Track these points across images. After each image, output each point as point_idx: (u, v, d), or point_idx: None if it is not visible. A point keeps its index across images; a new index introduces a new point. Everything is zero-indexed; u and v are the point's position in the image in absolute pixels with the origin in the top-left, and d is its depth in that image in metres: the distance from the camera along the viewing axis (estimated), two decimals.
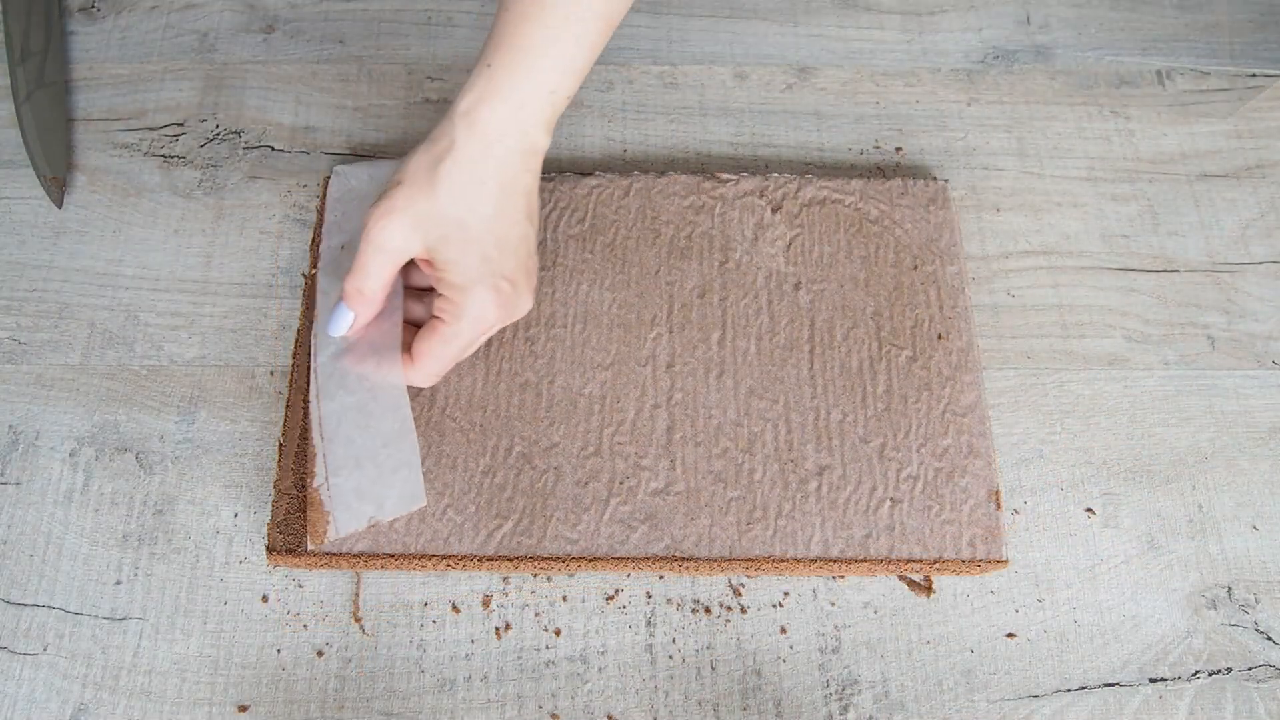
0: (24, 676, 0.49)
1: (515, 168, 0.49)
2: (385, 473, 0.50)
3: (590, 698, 0.49)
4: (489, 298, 0.49)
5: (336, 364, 0.52)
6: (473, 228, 0.48)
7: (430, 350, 0.50)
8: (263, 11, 0.69)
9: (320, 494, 0.49)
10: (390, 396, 0.51)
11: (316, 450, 0.50)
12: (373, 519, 0.49)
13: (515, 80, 0.47)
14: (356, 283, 0.50)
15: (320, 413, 0.51)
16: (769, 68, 0.67)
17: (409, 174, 0.48)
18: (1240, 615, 0.51)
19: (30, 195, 0.62)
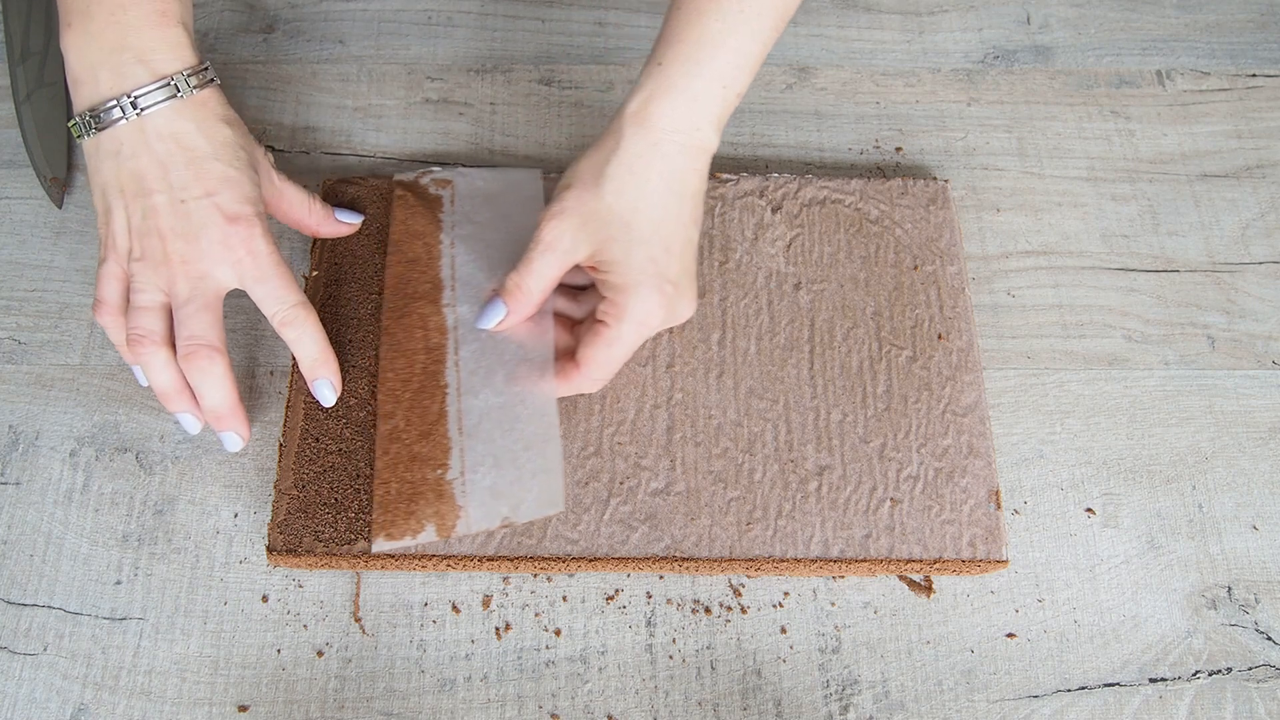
0: (24, 676, 0.49)
1: (683, 167, 0.48)
2: (525, 475, 0.50)
3: (590, 698, 0.49)
4: (654, 299, 0.48)
5: (482, 361, 0.52)
6: (638, 228, 0.48)
7: (595, 355, 0.49)
8: (263, 11, 0.69)
9: (453, 487, 0.49)
10: (538, 402, 0.51)
11: (451, 443, 0.50)
12: (506, 519, 0.49)
13: (688, 76, 0.47)
14: (519, 279, 0.49)
15: (460, 406, 0.50)
16: (769, 68, 0.67)
17: (577, 176, 0.48)
18: (1240, 615, 0.51)
19: (30, 195, 0.62)
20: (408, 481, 0.50)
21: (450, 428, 0.51)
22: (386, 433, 0.51)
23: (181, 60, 0.48)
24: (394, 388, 0.52)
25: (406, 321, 0.54)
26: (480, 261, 0.56)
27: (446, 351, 0.53)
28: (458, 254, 0.56)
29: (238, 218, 0.49)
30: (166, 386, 0.50)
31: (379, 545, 0.49)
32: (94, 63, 0.47)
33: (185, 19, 0.49)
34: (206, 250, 0.48)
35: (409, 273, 0.56)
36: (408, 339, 0.53)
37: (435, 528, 0.49)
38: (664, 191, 0.48)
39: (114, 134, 0.48)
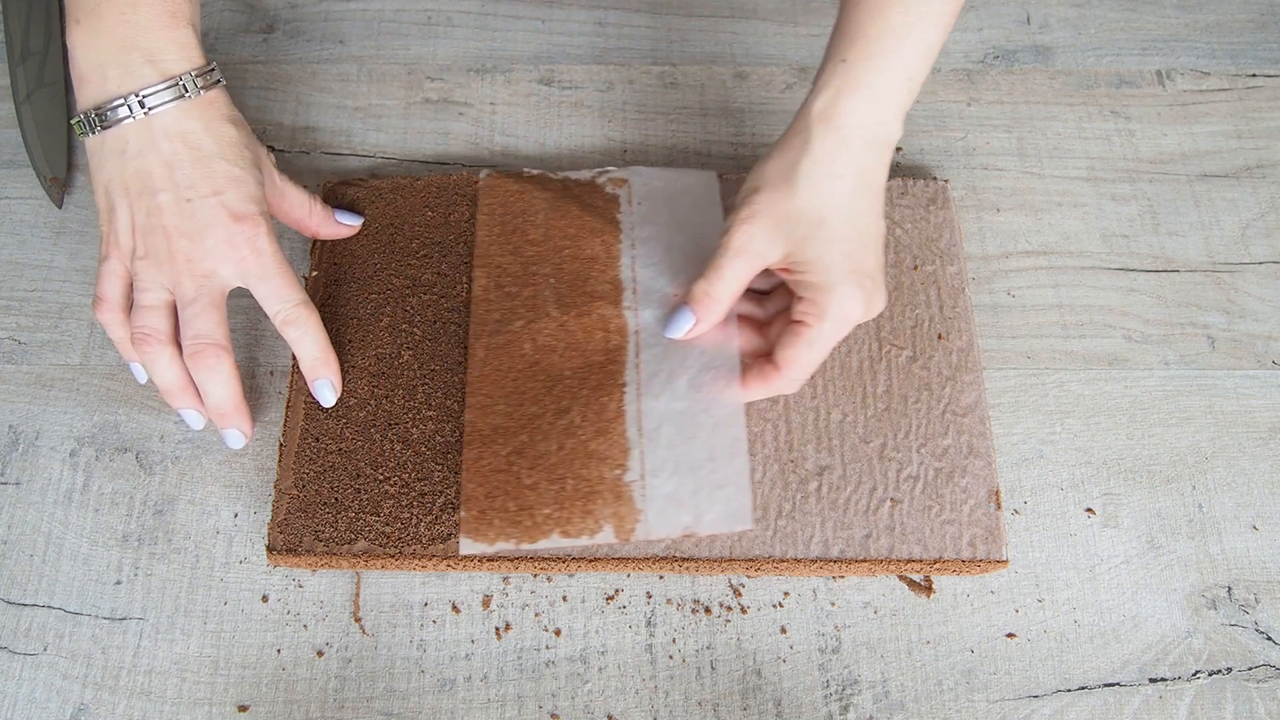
0: (24, 676, 0.49)
1: (872, 161, 0.48)
2: (707, 486, 0.49)
3: (590, 698, 0.49)
4: (855, 295, 0.48)
5: (664, 364, 0.51)
6: (833, 226, 0.47)
7: (797, 356, 0.49)
8: (263, 11, 0.69)
9: (631, 490, 0.49)
10: (724, 412, 0.51)
11: (630, 444, 0.50)
12: (688, 530, 0.49)
13: (874, 71, 0.47)
14: (708, 286, 0.49)
15: (640, 408, 0.50)
16: (769, 68, 0.67)
17: (766, 179, 0.48)
18: (1240, 615, 0.51)
19: (30, 195, 0.62)
20: (584, 479, 0.49)
21: (629, 428, 0.50)
22: (563, 427, 0.51)
23: (190, 61, 0.48)
24: (571, 385, 0.52)
25: (586, 322, 0.54)
26: (661, 265, 0.55)
27: (627, 353, 0.53)
28: (638, 256, 0.55)
29: (243, 216, 0.49)
30: (171, 384, 0.50)
31: (549, 543, 0.49)
32: (102, 61, 0.47)
33: (194, 20, 0.49)
34: (211, 249, 0.48)
35: (587, 270, 0.55)
36: (587, 339, 0.53)
37: (614, 529, 0.49)
38: (855, 188, 0.48)
39: (120, 132, 0.48)
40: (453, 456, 0.51)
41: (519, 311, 0.54)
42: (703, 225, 0.57)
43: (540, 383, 0.52)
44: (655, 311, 0.54)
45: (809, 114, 0.48)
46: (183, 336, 0.49)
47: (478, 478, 0.50)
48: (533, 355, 0.53)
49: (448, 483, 0.51)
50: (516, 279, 0.56)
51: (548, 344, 0.53)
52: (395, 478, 0.51)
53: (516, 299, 0.55)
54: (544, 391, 0.52)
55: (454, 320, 0.55)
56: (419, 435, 0.52)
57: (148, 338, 0.49)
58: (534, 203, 0.58)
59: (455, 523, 0.50)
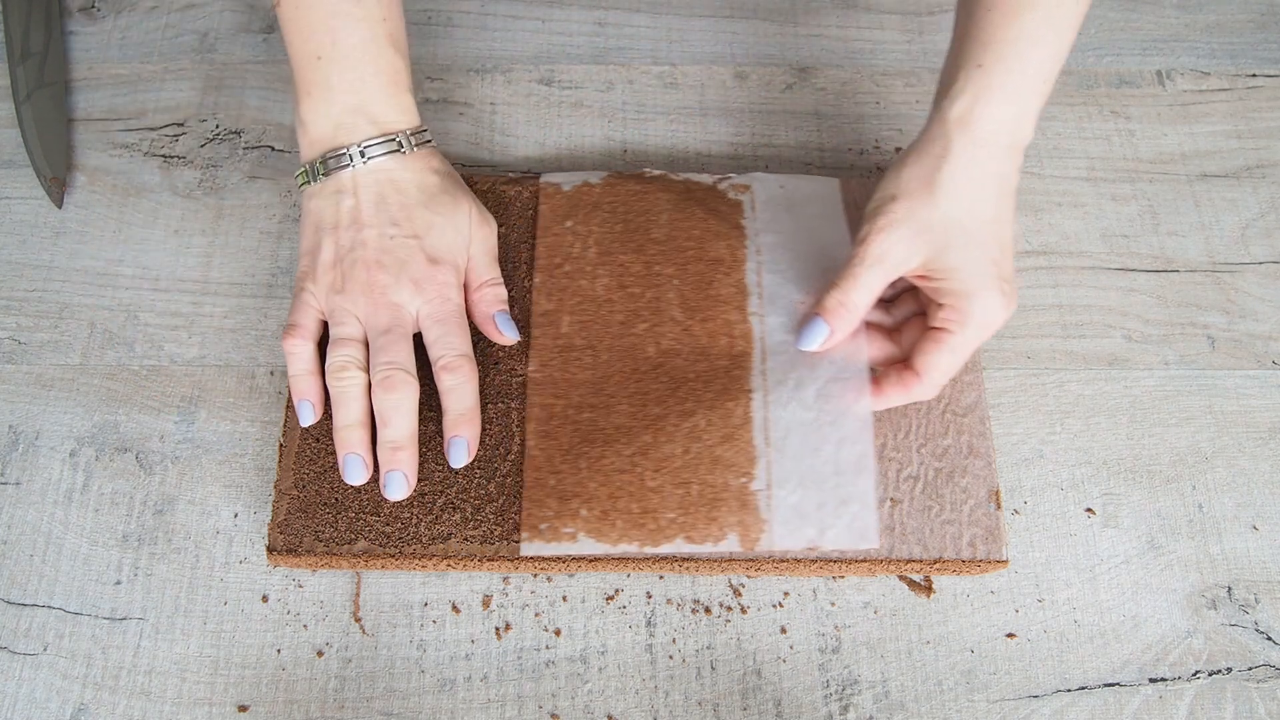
0: (24, 676, 0.49)
1: (1009, 166, 0.48)
2: (832, 501, 0.49)
3: (590, 698, 0.49)
4: (998, 301, 0.48)
5: (791, 373, 0.51)
6: (975, 232, 0.48)
7: (939, 362, 0.49)
8: (263, 11, 0.69)
9: (757, 499, 0.49)
10: (853, 426, 0.50)
11: (757, 453, 0.50)
12: (812, 544, 0.48)
13: (1010, 75, 0.47)
14: (843, 296, 0.49)
15: (767, 415, 0.50)
16: (769, 68, 0.67)
17: (903, 186, 0.48)
18: (1240, 615, 0.51)
19: (30, 195, 0.62)
20: (710, 485, 0.49)
21: (756, 436, 0.50)
22: (688, 430, 0.50)
23: (408, 122, 0.53)
24: (696, 387, 0.52)
25: (710, 326, 0.54)
26: (788, 272, 0.55)
27: (752, 359, 0.52)
28: (764, 262, 0.55)
29: (438, 261, 0.52)
30: (353, 419, 0.50)
31: (671, 548, 0.48)
32: (334, 123, 0.52)
33: (410, 86, 0.54)
34: (404, 284, 0.51)
35: (711, 273, 0.55)
36: (711, 343, 0.53)
37: (739, 538, 0.48)
38: (994, 193, 0.48)
39: (339, 177, 0.52)
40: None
41: (642, 314, 0.54)
42: (827, 232, 0.56)
43: (664, 384, 0.52)
44: (781, 318, 0.53)
45: (946, 120, 0.48)
46: (373, 365, 0.50)
47: (600, 477, 0.50)
48: (656, 358, 0.53)
49: (448, 482, 0.51)
50: (640, 279, 0.55)
51: (671, 348, 0.53)
52: None
53: (640, 300, 0.55)
54: (668, 393, 0.52)
55: None
56: (420, 435, 0.52)
57: (347, 366, 0.50)
58: (657, 202, 0.58)
59: (456, 522, 0.50)
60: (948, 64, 0.50)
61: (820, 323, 0.50)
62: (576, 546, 0.49)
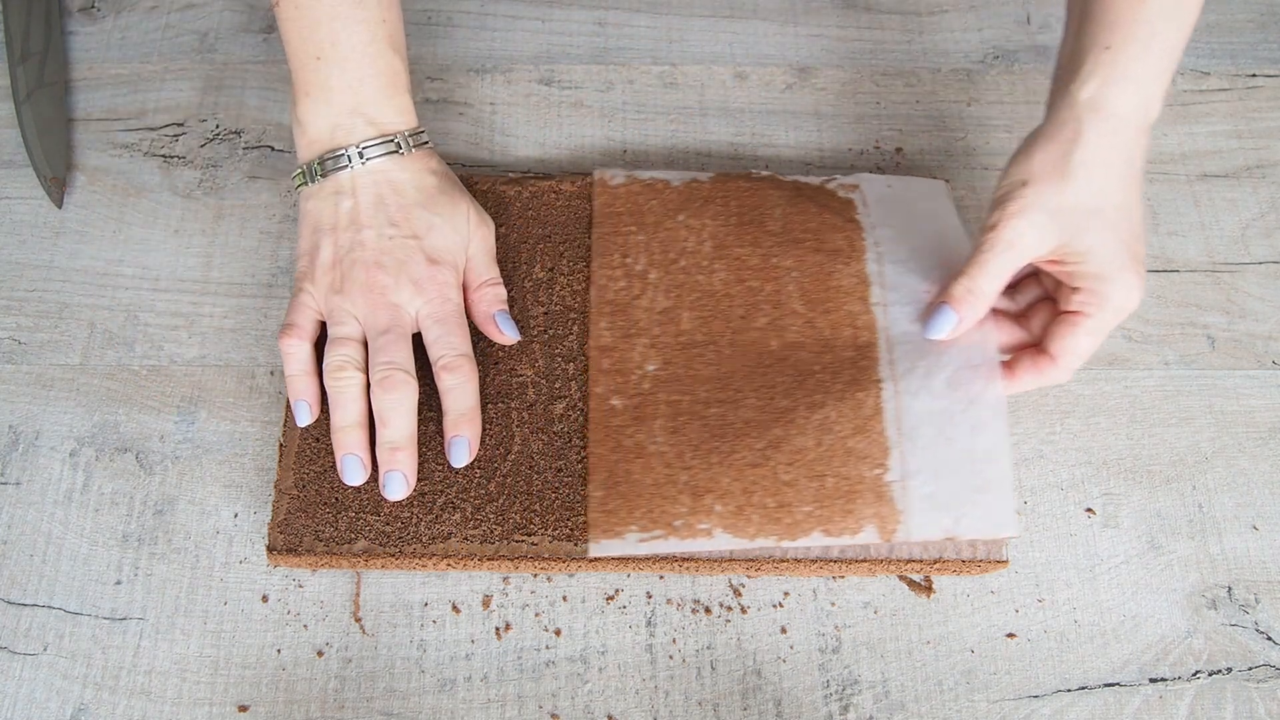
0: (24, 676, 0.49)
1: (1138, 147, 0.48)
2: (968, 489, 0.49)
3: (590, 698, 0.49)
4: (1134, 282, 0.48)
5: (919, 361, 0.51)
6: (1109, 214, 0.48)
7: (1076, 346, 0.49)
8: (263, 11, 0.69)
9: (891, 490, 0.49)
10: (984, 413, 0.50)
11: (890, 444, 0.49)
12: (949, 533, 0.48)
13: (1139, 57, 0.47)
14: (971, 283, 0.49)
15: (899, 405, 0.50)
16: (769, 68, 0.67)
17: (1034, 171, 0.48)
18: (1240, 615, 0.51)
19: (30, 195, 0.62)
20: (845, 477, 0.49)
21: (888, 426, 0.50)
22: (818, 422, 0.50)
23: (406, 123, 0.53)
24: (823, 379, 0.51)
25: (833, 319, 0.53)
26: (909, 262, 0.55)
27: (878, 349, 0.52)
28: (884, 253, 0.55)
29: (437, 261, 0.52)
30: (351, 419, 0.50)
31: (808, 541, 0.48)
32: (332, 124, 0.52)
33: (409, 87, 0.54)
34: (403, 284, 0.51)
35: (831, 264, 0.55)
36: (835, 335, 0.53)
37: (876, 529, 0.48)
38: (1125, 174, 0.48)
39: (337, 178, 0.52)
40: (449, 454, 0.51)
41: (763, 307, 0.54)
42: (942, 226, 0.56)
43: (789, 377, 0.52)
44: (905, 308, 0.53)
45: (1076, 103, 0.48)
46: (372, 365, 0.50)
47: (733, 471, 0.50)
48: (780, 351, 0.53)
49: (448, 482, 0.51)
50: (758, 272, 0.55)
51: (794, 340, 0.53)
52: None
53: (760, 294, 0.54)
54: (795, 385, 0.52)
55: None
56: (419, 435, 0.52)
57: (344, 366, 0.50)
58: (769, 198, 0.58)
59: (456, 522, 0.50)
60: (1069, 46, 0.49)
61: (949, 311, 0.50)
62: (713, 542, 0.48)
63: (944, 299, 0.50)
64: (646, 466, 0.50)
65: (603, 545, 0.49)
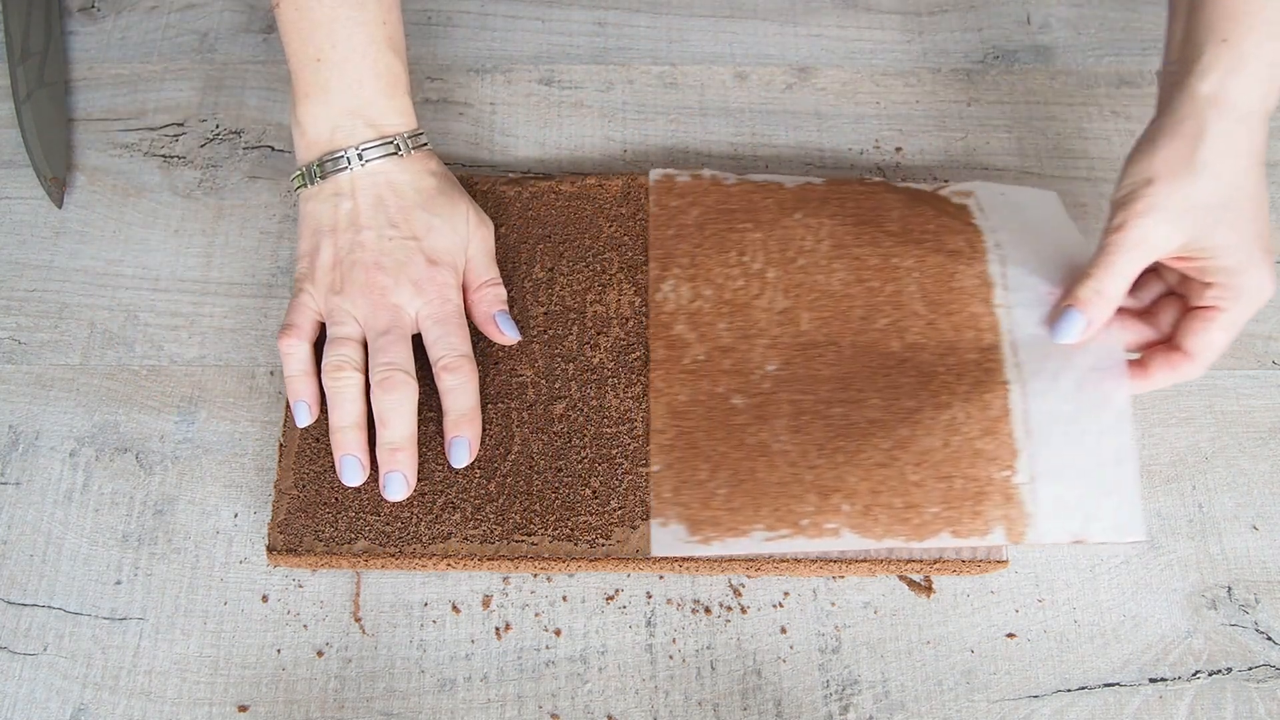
0: (24, 676, 0.49)
1: (1262, 137, 0.48)
2: (1096, 493, 0.49)
3: (590, 698, 0.49)
4: (1266, 273, 0.48)
5: (1046, 364, 0.51)
6: (1239, 206, 0.48)
7: (1212, 342, 0.49)
8: (263, 11, 0.69)
9: (1020, 492, 0.49)
10: (1112, 416, 0.50)
11: (1018, 445, 0.49)
12: (1076, 537, 0.48)
13: (1259, 47, 0.47)
14: (1098, 285, 0.49)
15: (1026, 407, 0.50)
16: (769, 68, 0.67)
17: (1158, 169, 0.48)
18: (1240, 615, 0.51)
19: (30, 195, 0.62)
20: (973, 479, 0.49)
21: (1016, 428, 0.50)
22: (945, 422, 0.50)
23: (405, 125, 0.53)
24: (948, 380, 0.52)
25: (956, 320, 0.53)
26: (1032, 264, 0.55)
27: (1002, 350, 0.52)
28: (1006, 255, 0.55)
29: (437, 262, 0.52)
30: (349, 420, 0.50)
31: (936, 542, 0.48)
32: (332, 125, 0.52)
33: (409, 89, 0.54)
34: (403, 285, 0.51)
35: (952, 264, 0.55)
36: (958, 337, 0.53)
37: (1005, 531, 0.48)
38: (1252, 165, 0.48)
39: (337, 180, 0.52)
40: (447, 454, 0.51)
41: (883, 309, 0.54)
42: (1059, 231, 0.56)
43: (913, 378, 0.52)
44: (1030, 310, 0.53)
45: (1197, 97, 0.48)
46: (372, 366, 0.50)
47: (860, 472, 0.50)
48: (901, 353, 0.53)
49: (448, 482, 0.51)
50: (878, 272, 0.55)
51: (916, 342, 0.53)
52: None
53: (880, 294, 0.54)
54: (919, 386, 0.52)
55: None
56: (419, 436, 0.52)
57: (342, 365, 0.50)
58: (885, 200, 0.58)
59: (456, 521, 0.50)
60: (1179, 38, 0.49)
61: (1076, 314, 0.50)
62: (840, 542, 0.49)
63: (1070, 302, 0.50)
64: (771, 465, 0.50)
65: (727, 544, 0.49)
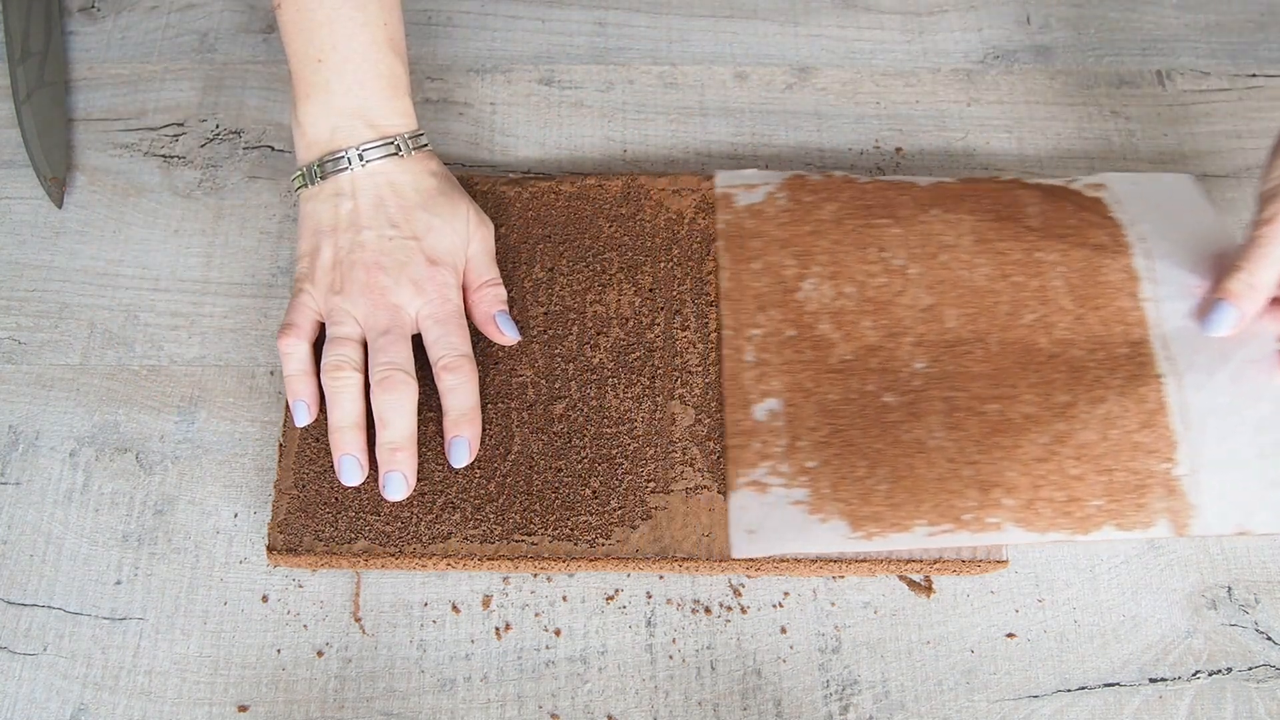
0: (24, 676, 0.49)
1: None
2: (1260, 484, 0.49)
3: (590, 698, 0.49)
4: None
5: (1197, 357, 0.51)
6: None
7: None
8: (263, 11, 0.69)
9: (1182, 484, 0.49)
10: (1269, 408, 0.50)
11: (1177, 438, 0.50)
12: (1241, 528, 0.48)
13: None
14: (1250, 277, 0.49)
15: (1183, 400, 0.50)
16: (769, 68, 0.67)
17: None
18: (1240, 615, 0.51)
19: (30, 195, 0.62)
20: (1134, 471, 0.49)
21: (1174, 421, 0.50)
22: (1102, 416, 0.50)
23: (406, 125, 0.54)
24: (1100, 374, 0.52)
25: (1104, 315, 0.53)
26: (1177, 256, 0.55)
27: (1151, 344, 0.52)
28: (1151, 248, 0.55)
29: (437, 262, 0.52)
30: (348, 420, 0.50)
31: (1099, 535, 0.48)
32: (332, 126, 0.52)
33: (409, 90, 0.54)
34: (404, 285, 0.51)
35: (1098, 258, 0.55)
36: (1106, 332, 0.53)
37: (1169, 524, 0.49)
38: None
39: (337, 180, 0.52)
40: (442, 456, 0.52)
41: (1029, 304, 0.54)
42: (1200, 220, 0.56)
43: (1065, 373, 0.52)
44: (1178, 303, 0.53)
45: None
46: (372, 366, 0.50)
47: (1019, 467, 0.50)
48: (1050, 348, 0.53)
49: (448, 482, 0.51)
50: (1022, 267, 0.55)
51: (1065, 337, 0.53)
52: None
53: (1025, 289, 0.54)
54: (1072, 381, 0.52)
55: None
56: (419, 436, 0.52)
57: (342, 365, 0.50)
58: (1021, 196, 0.58)
59: (456, 521, 0.50)
60: None
61: (1227, 306, 0.50)
62: (1003, 536, 0.49)
63: (1221, 295, 0.50)
64: (929, 461, 0.50)
65: (890, 539, 0.49)
